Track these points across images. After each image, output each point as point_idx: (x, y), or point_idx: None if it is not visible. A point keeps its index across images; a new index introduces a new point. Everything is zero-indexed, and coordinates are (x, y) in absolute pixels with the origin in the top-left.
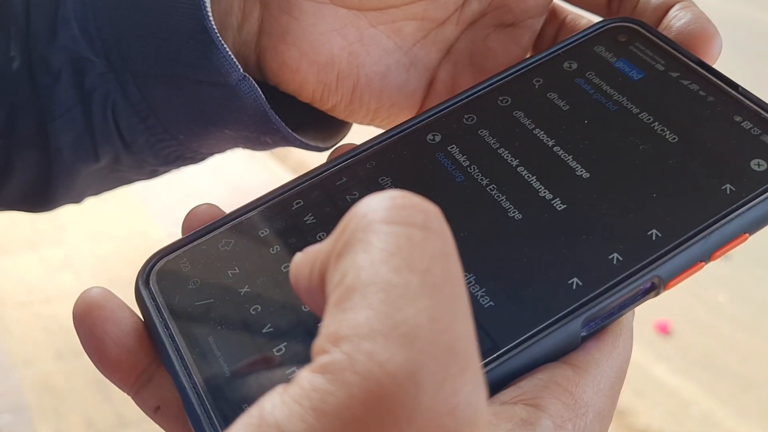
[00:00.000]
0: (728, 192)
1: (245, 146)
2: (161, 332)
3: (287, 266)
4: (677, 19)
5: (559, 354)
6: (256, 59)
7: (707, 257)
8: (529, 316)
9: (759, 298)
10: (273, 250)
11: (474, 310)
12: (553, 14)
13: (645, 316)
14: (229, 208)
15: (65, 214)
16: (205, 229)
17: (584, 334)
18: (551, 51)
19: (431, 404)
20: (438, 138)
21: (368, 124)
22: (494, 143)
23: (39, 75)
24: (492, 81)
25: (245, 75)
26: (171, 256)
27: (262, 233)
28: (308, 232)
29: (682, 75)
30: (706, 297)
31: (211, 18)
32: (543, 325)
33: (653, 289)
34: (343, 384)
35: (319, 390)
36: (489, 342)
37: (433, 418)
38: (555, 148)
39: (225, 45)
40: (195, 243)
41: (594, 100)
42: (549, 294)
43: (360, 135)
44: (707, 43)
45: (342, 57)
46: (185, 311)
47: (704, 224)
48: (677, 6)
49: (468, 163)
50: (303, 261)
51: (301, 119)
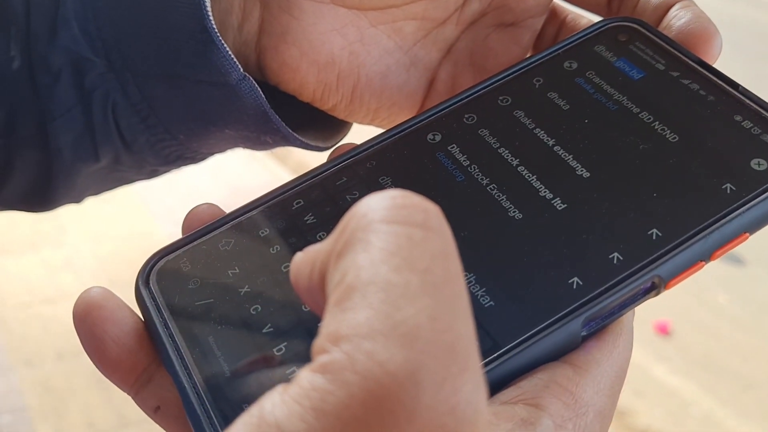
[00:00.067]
0: (728, 191)
1: (245, 146)
2: (161, 332)
3: (287, 266)
4: (677, 19)
5: (560, 354)
6: (257, 59)
7: (707, 257)
8: (530, 316)
9: (759, 299)
10: (273, 250)
11: (474, 310)
12: (554, 14)
13: (645, 317)
14: (230, 208)
15: (66, 215)
16: (205, 229)
17: (584, 334)
18: (551, 50)
19: (431, 404)
20: (438, 137)
21: (368, 124)
22: (494, 143)
23: (39, 75)
24: (492, 80)
25: (245, 75)
26: (171, 256)
27: (263, 233)
28: (308, 232)
29: (683, 74)
30: (706, 297)
31: (211, 17)
32: (543, 325)
33: (653, 289)
34: (343, 383)
35: (319, 389)
36: (489, 341)
37: (434, 418)
38: (555, 148)
39: (225, 44)
40: (195, 243)
41: (594, 100)
42: (549, 293)
43: (360, 135)
44: (707, 43)
45: (342, 57)
46: (185, 311)
47: (704, 224)
48: (677, 5)
49: (468, 163)
50: (303, 260)
51: (302, 119)
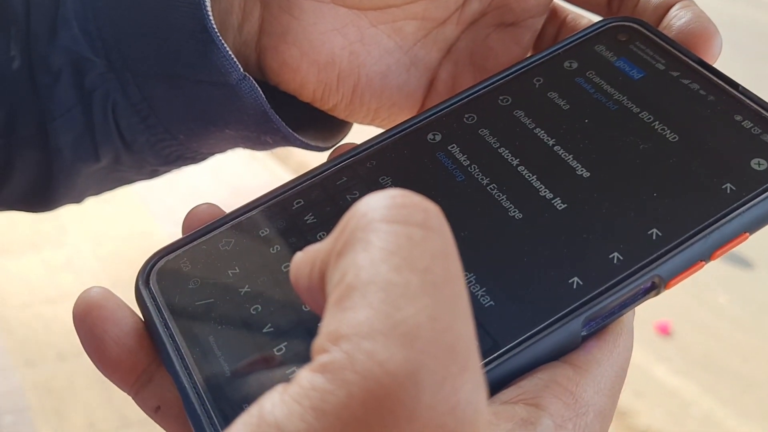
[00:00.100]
0: (728, 191)
1: (246, 146)
2: (161, 332)
3: (287, 266)
4: (678, 18)
5: (560, 353)
6: (257, 59)
7: (708, 256)
8: (530, 316)
9: (759, 299)
10: (273, 250)
11: (474, 310)
12: (554, 14)
13: (646, 317)
14: (230, 208)
15: (66, 215)
16: (206, 229)
17: (585, 334)
18: (552, 50)
19: (431, 403)
20: (438, 137)
21: (369, 124)
22: (494, 142)
23: (39, 75)
24: (492, 80)
25: (245, 74)
26: (171, 256)
27: (263, 233)
28: (308, 232)
29: (683, 74)
30: (707, 298)
31: (212, 17)
32: (543, 325)
33: (654, 289)
34: (343, 383)
35: (319, 389)
36: (489, 341)
37: (434, 417)
38: (555, 148)
39: (225, 44)
40: (195, 243)
41: (594, 100)
42: (549, 293)
43: (360, 135)
44: (707, 42)
45: (342, 56)
46: (185, 311)
47: (704, 223)
48: (677, 5)
49: (468, 163)
50: (303, 260)
51: (302, 119)
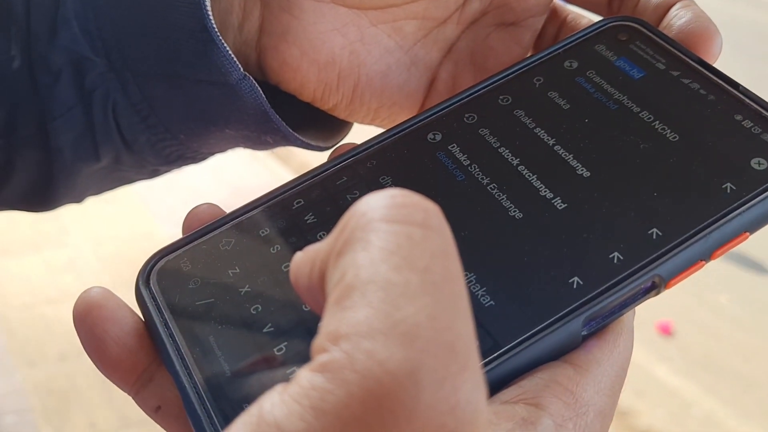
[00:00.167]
0: (729, 191)
1: (246, 146)
2: (162, 332)
3: (288, 265)
4: (678, 18)
5: (560, 353)
6: (257, 58)
7: (708, 256)
8: (530, 315)
9: (760, 299)
10: (273, 250)
11: (474, 309)
12: (554, 13)
13: (647, 317)
14: (230, 208)
15: (67, 216)
16: (206, 229)
17: (585, 333)
18: (552, 50)
19: (431, 403)
20: (438, 137)
21: (369, 124)
22: (495, 142)
23: (39, 74)
24: (493, 80)
25: (245, 74)
26: (171, 256)
27: (263, 233)
28: (309, 232)
29: (683, 74)
30: (708, 298)
31: (212, 17)
32: (544, 324)
33: (654, 288)
34: (343, 383)
35: (319, 389)
36: (490, 341)
37: (433, 417)
38: (555, 147)
39: (225, 44)
40: (195, 242)
41: (594, 99)
42: (550, 293)
43: (360, 134)
44: (708, 42)
45: (343, 56)
46: (186, 311)
47: (705, 223)
48: (678, 5)
49: (468, 162)
50: (303, 260)
51: (302, 119)
